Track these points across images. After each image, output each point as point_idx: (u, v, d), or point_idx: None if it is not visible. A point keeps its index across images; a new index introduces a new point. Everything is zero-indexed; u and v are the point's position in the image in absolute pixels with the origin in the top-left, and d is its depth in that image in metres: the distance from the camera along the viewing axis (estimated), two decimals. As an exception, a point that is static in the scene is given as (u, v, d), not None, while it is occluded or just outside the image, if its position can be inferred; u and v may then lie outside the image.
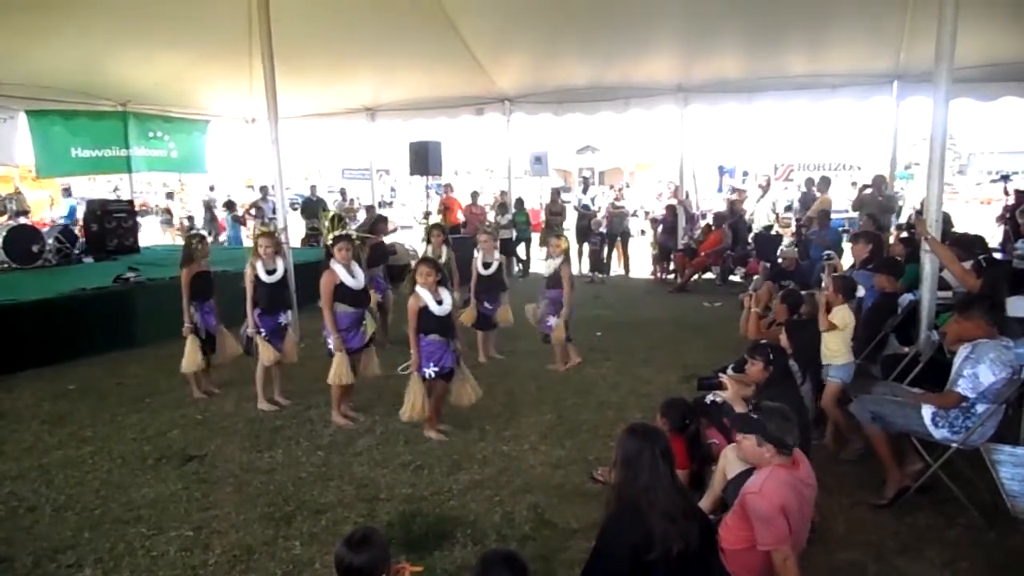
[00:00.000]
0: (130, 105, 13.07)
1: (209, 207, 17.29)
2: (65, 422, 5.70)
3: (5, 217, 11.54)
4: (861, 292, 5.12)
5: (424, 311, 5.00)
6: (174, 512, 4.14)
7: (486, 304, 7.17)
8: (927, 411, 3.95)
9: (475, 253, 7.27)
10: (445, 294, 5.11)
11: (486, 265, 7.12)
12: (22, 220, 11.51)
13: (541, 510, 4.06)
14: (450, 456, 4.88)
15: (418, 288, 5.02)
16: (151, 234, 17.66)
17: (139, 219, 13.84)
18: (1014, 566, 3.43)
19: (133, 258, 11.20)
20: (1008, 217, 10.25)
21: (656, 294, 11.73)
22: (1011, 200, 10.83)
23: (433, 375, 5.10)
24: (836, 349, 4.77)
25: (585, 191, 14.80)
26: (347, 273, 5.37)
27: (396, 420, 5.46)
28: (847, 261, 7.80)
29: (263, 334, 5.78)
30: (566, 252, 6.94)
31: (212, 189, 19.76)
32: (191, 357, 6.09)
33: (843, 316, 4.79)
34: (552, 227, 11.82)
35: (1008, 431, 4.19)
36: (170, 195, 15.55)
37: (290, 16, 8.22)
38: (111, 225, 12.14)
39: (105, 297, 8.22)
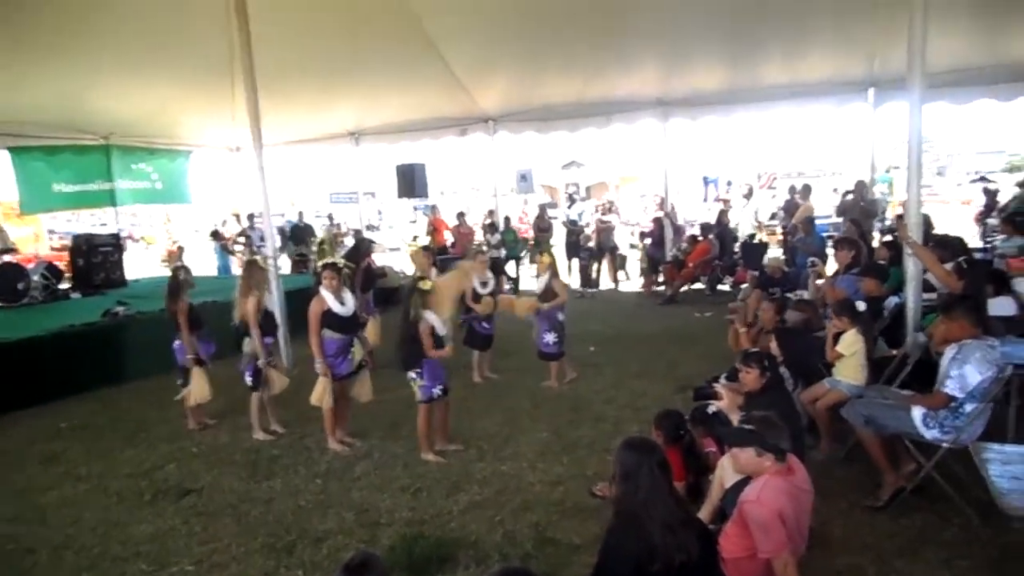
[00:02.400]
0: (113, 138, 13.04)
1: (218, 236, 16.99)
2: (59, 461, 5.67)
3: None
4: (862, 307, 5.15)
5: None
6: (174, 547, 4.12)
7: (483, 324, 7.20)
8: (918, 412, 4.00)
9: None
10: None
11: (483, 284, 7.15)
12: (6, 258, 11.43)
13: (542, 528, 4.07)
14: (449, 478, 4.88)
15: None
16: (138, 266, 17.58)
17: (124, 252, 13.75)
18: (1010, 562, 3.47)
19: (121, 292, 11.15)
20: (983, 217, 10.45)
21: (647, 307, 11.78)
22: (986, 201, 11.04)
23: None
24: (851, 373, 4.79)
25: (571, 206, 14.85)
26: (335, 300, 5.40)
27: (393, 444, 5.51)
28: (832, 267, 7.88)
29: (273, 363, 5.84)
30: (552, 266, 7.01)
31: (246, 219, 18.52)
32: (199, 387, 6.05)
33: (849, 342, 4.80)
34: (539, 244, 11.90)
35: (996, 429, 4.26)
36: (251, 216, 15.20)
37: (271, 43, 8.27)
38: (97, 259, 12.09)
39: (94, 332, 8.18)
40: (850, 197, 11.56)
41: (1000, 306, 5.14)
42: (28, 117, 11.13)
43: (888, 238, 8.17)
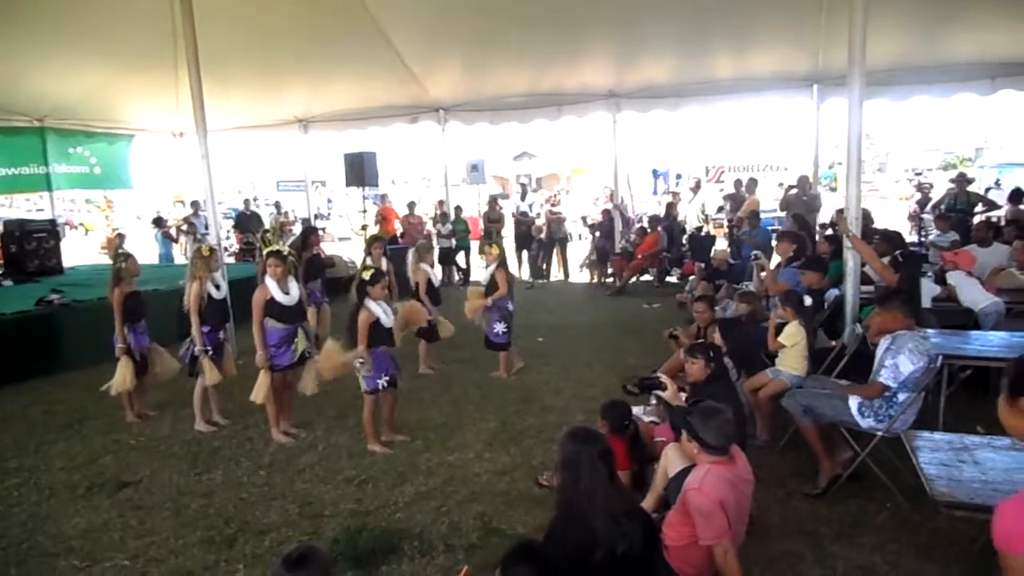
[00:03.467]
0: (48, 120, 12.53)
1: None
2: (-13, 454, 5.44)
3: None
4: (808, 301, 5.27)
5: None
6: (108, 542, 4.00)
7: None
8: (854, 402, 4.13)
9: (424, 267, 7.23)
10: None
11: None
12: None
13: (488, 518, 4.07)
14: (395, 469, 4.85)
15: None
16: (77, 254, 17.00)
17: (62, 238, 13.26)
18: (937, 546, 3.60)
19: (57, 280, 10.74)
20: (917, 213, 10.80)
21: (596, 298, 11.89)
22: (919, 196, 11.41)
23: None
24: (792, 363, 4.89)
25: (523, 198, 14.86)
26: (279, 289, 5.30)
27: (338, 435, 5.44)
28: (777, 260, 8.06)
29: (210, 353, 5.66)
30: (500, 258, 7.00)
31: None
32: (122, 377, 5.88)
33: (791, 333, 4.91)
34: (489, 234, 11.88)
35: (928, 418, 4.43)
36: (195, 203, 14.65)
37: (217, 26, 8.04)
38: (31, 246, 11.61)
39: (27, 321, 7.87)
40: (793, 192, 11.83)
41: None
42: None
43: (828, 232, 8.38)
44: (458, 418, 5.86)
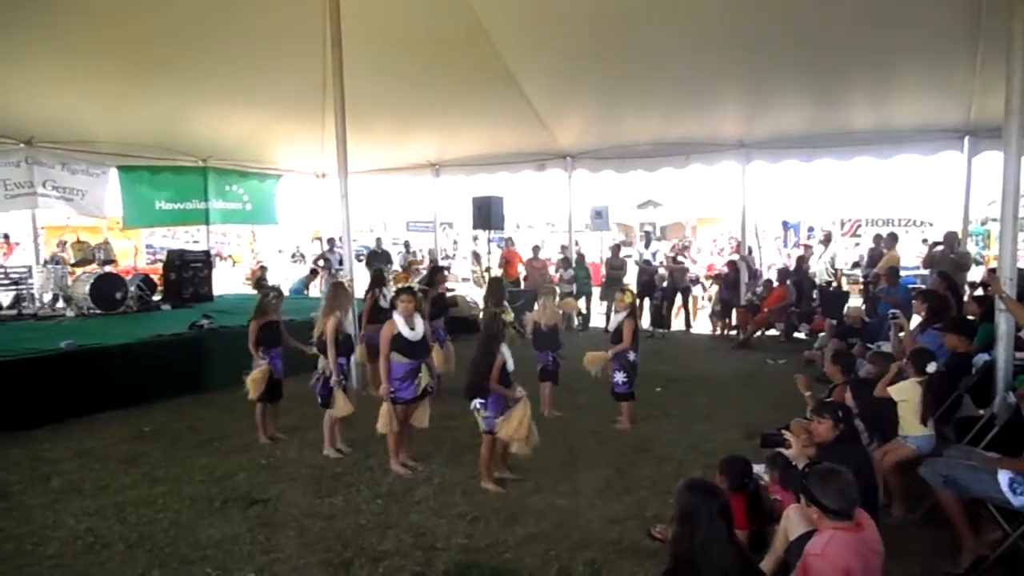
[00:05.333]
0: (210, 160, 13.83)
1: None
2: (139, 462, 5.95)
3: (94, 265, 12.22)
4: (932, 368, 4.90)
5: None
6: (238, 554, 4.26)
7: (551, 358, 7.22)
8: (1004, 476, 3.78)
9: (536, 307, 7.35)
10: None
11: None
12: (108, 269, 12.17)
13: (598, 566, 4.02)
14: (507, 508, 4.88)
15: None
16: (224, 283, 18.38)
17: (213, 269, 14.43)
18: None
19: (207, 306, 11.69)
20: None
21: (718, 350, 11.55)
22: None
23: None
24: (908, 423, 4.59)
25: (647, 245, 14.75)
26: (406, 324, 5.52)
27: (453, 471, 5.55)
28: (916, 321, 7.56)
29: (344, 384, 5.97)
30: (631, 306, 6.95)
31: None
32: (255, 384, 6.27)
33: (904, 389, 4.62)
34: (616, 281, 11.86)
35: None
36: (331, 240, 15.68)
37: (361, 76, 8.64)
38: (188, 274, 12.77)
39: (181, 343, 8.62)
40: (939, 248, 11.08)
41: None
42: (135, 139, 11.92)
43: (979, 292, 7.78)
44: (572, 463, 5.83)
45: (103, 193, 12.43)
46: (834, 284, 12.77)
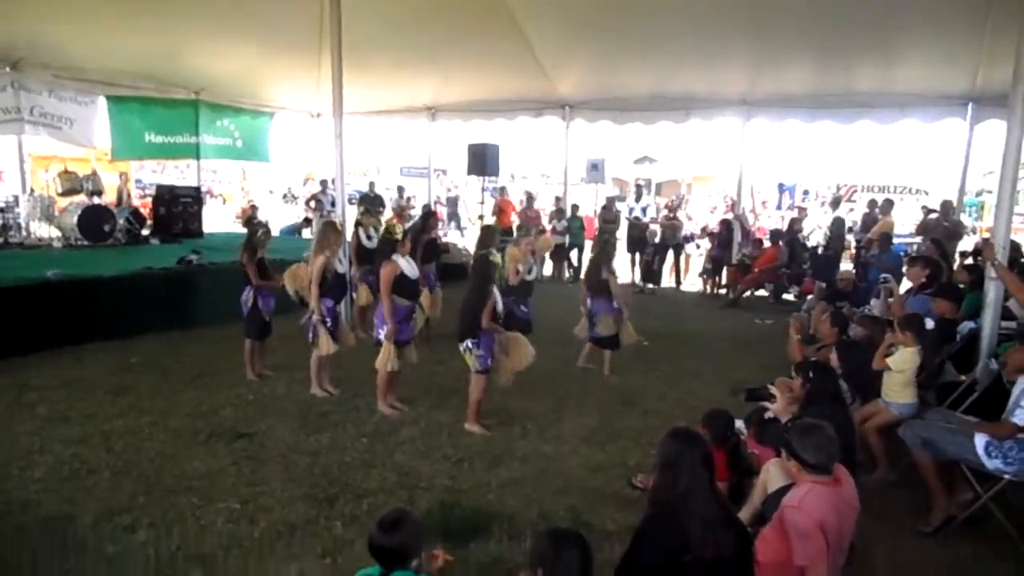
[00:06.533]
0: (203, 94, 13.55)
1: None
2: (126, 394, 5.97)
3: (82, 196, 12.06)
4: (930, 324, 4.93)
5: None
6: (223, 485, 4.31)
7: (522, 308, 7.16)
8: (980, 440, 3.84)
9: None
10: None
11: (528, 270, 7.13)
12: (96, 200, 12.02)
13: (578, 511, 4.08)
14: (491, 452, 4.94)
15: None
16: (214, 221, 18.22)
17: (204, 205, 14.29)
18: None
19: (197, 242, 11.60)
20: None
21: (707, 308, 11.60)
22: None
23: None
24: (896, 390, 4.63)
25: (638, 199, 14.66)
26: (408, 264, 5.51)
27: (440, 413, 5.60)
28: (906, 286, 7.60)
29: (328, 324, 5.95)
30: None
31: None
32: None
33: (902, 359, 4.60)
34: (609, 235, 11.81)
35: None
36: (323, 182, 15.38)
37: (360, 13, 8.39)
38: (178, 209, 12.64)
39: (169, 277, 8.57)
40: (934, 216, 11.09)
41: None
42: (125, 68, 11.64)
43: (969, 261, 7.81)
44: (557, 411, 5.89)
45: (92, 122, 12.21)
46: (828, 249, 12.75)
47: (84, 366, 6.73)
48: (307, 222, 16.40)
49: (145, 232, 12.23)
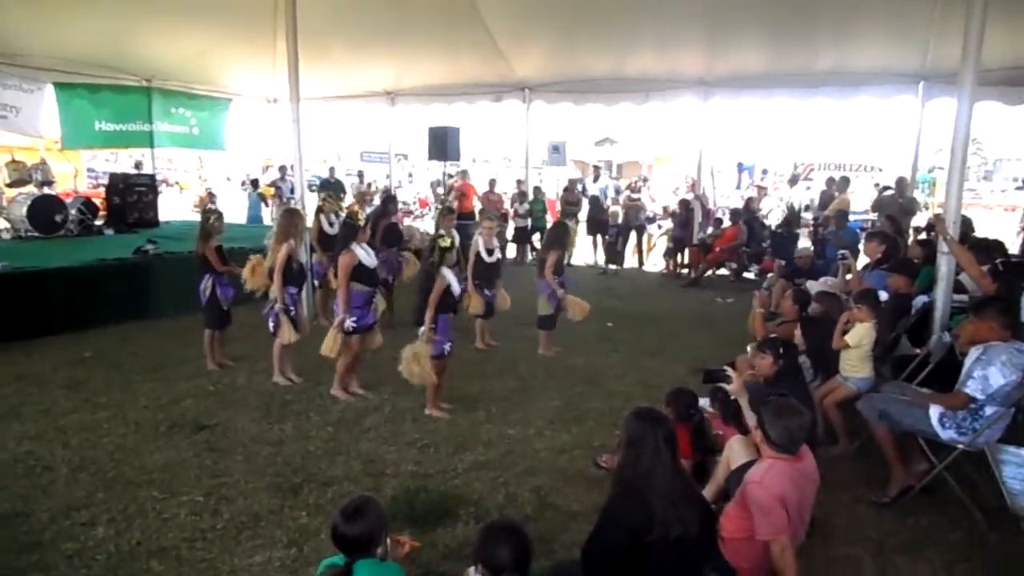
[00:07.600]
0: (154, 81, 13.16)
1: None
2: (81, 388, 5.83)
3: (31, 187, 11.67)
4: (884, 296, 5.04)
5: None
6: (185, 478, 4.23)
7: (486, 291, 7.14)
8: (935, 411, 3.94)
9: (476, 239, 7.19)
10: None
11: (489, 252, 7.06)
12: (46, 190, 11.64)
13: (544, 493, 4.10)
14: (456, 437, 4.93)
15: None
16: (171, 210, 17.81)
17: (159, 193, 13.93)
18: (1014, 570, 3.43)
19: (153, 232, 11.32)
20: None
21: (668, 288, 11.72)
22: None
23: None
24: (854, 364, 4.73)
25: (596, 180, 14.67)
26: (366, 254, 5.45)
27: (404, 400, 5.56)
28: (863, 262, 7.75)
29: (291, 312, 5.87)
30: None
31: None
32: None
33: (859, 334, 4.71)
34: (571, 217, 11.82)
35: (1016, 435, 4.18)
36: (282, 168, 15.00)
37: (314, -2, 8.24)
38: (132, 199, 12.30)
39: (124, 268, 8.35)
40: (888, 193, 11.32)
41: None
42: (73, 54, 11.26)
43: (922, 236, 8.00)
44: (522, 394, 5.91)
45: (38, 110, 11.80)
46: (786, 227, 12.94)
47: (35, 361, 6.54)
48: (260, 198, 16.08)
49: (99, 222, 11.87)
